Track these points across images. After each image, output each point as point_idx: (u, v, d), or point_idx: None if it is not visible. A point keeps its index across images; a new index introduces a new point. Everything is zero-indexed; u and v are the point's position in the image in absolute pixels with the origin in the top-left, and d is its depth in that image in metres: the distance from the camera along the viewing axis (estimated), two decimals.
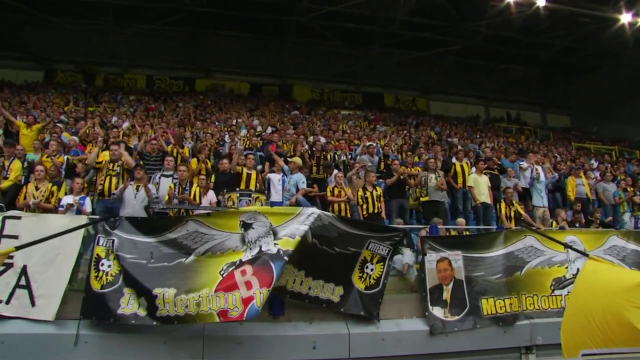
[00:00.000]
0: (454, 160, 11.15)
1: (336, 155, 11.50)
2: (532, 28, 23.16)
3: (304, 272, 6.27)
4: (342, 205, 9.04)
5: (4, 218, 6.34)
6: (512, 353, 7.04)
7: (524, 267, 7.40)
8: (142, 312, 5.72)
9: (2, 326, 5.75)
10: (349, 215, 8.83)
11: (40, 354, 5.67)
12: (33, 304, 5.95)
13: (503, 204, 9.51)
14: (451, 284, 6.94)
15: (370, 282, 6.61)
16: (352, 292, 6.49)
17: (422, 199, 9.80)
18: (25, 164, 8.49)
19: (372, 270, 6.63)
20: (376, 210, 8.92)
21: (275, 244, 5.89)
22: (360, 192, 9.19)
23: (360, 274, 6.61)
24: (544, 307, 7.28)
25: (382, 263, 6.66)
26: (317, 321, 6.44)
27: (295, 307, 6.38)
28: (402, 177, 9.74)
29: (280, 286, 6.07)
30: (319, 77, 27.88)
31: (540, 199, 10.62)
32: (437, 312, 6.77)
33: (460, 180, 10.50)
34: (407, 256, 7.23)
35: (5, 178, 7.81)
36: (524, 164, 11.53)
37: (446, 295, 6.88)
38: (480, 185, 10.12)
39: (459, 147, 13.36)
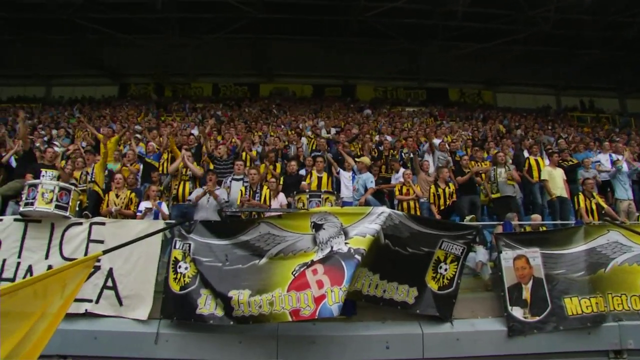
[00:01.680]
0: (526, 153, 10.69)
1: (403, 154, 11.39)
2: (605, 8, 21.75)
3: (379, 275, 6.28)
4: (411, 203, 8.95)
5: (91, 224, 6.91)
6: (598, 357, 6.63)
7: (608, 264, 6.96)
8: (219, 313, 6.01)
9: (95, 324, 6.32)
10: (418, 213, 8.73)
11: (127, 350, 6.15)
12: (120, 303, 6.47)
13: (582, 197, 8.89)
14: (530, 282, 6.68)
15: (443, 282, 6.52)
16: (426, 293, 6.43)
17: (492, 196, 9.48)
18: (106, 172, 9.09)
19: (445, 270, 6.53)
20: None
21: (346, 243, 5.95)
22: (432, 189, 9.06)
23: (434, 274, 6.53)
24: (635, 308, 6.78)
25: (455, 263, 6.55)
26: (390, 321, 6.45)
27: (367, 307, 6.42)
28: (475, 176, 9.52)
29: (356, 290, 6.13)
30: (381, 75, 27.58)
31: (624, 191, 9.88)
32: (517, 312, 6.52)
33: (534, 174, 10.06)
34: (480, 254, 7.07)
35: (92, 182, 8.39)
36: (615, 157, 10.81)
37: (526, 294, 6.62)
38: (555, 179, 9.60)
39: (531, 140, 12.78)
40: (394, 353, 6.15)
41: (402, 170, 9.74)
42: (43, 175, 7.55)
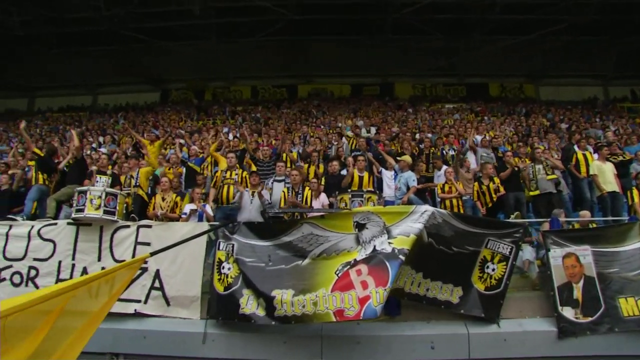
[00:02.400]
0: (575, 148, 10.33)
1: (444, 151, 11.22)
2: None
3: (422, 274, 6.21)
4: (454, 201, 8.78)
5: (138, 227, 7.17)
6: None
7: None
8: (260, 312, 6.08)
9: (144, 323, 6.57)
10: (461, 211, 8.57)
11: (175, 349, 6.33)
12: (167, 304, 6.69)
13: (635, 192, 8.48)
14: (581, 281, 6.42)
15: (491, 282, 6.34)
16: (471, 293, 6.30)
17: (531, 193, 9.19)
18: (150, 177, 9.36)
19: (493, 270, 6.35)
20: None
21: (389, 242, 5.91)
22: (476, 186, 8.89)
23: (481, 274, 6.37)
24: None
25: (504, 263, 6.34)
26: (435, 321, 6.37)
27: (412, 307, 6.36)
28: (516, 168, 9.27)
29: (398, 288, 6.08)
30: (420, 72, 27.16)
31: None
32: (568, 312, 6.29)
33: (583, 169, 9.70)
34: (527, 252, 6.88)
35: (136, 186, 8.66)
36: None
37: (577, 294, 6.38)
38: (605, 173, 9.17)
39: (578, 134, 12.31)
40: (439, 353, 6.07)
41: (444, 167, 9.59)
42: (97, 181, 7.85)
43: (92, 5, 21.74)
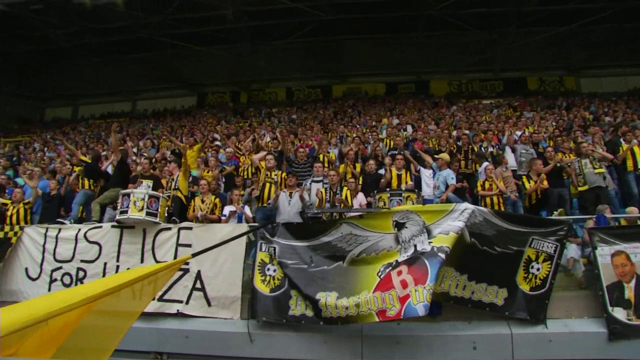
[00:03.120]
0: (621, 141, 9.95)
1: (482, 148, 10.99)
2: None
3: (467, 276, 6.10)
4: (495, 199, 8.60)
5: (179, 229, 7.33)
6: None
7: None
8: (309, 313, 6.17)
9: (186, 323, 6.72)
10: (502, 209, 8.38)
11: (217, 349, 6.46)
12: (209, 304, 6.81)
13: None
14: (633, 281, 6.13)
15: (536, 282, 6.17)
16: (516, 294, 6.14)
17: (580, 188, 8.87)
18: (190, 179, 9.55)
19: (538, 270, 6.17)
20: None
21: (429, 242, 5.87)
22: (526, 183, 8.72)
23: (525, 275, 6.20)
24: None
25: (549, 262, 6.16)
26: (476, 321, 6.24)
27: (452, 307, 6.24)
28: (558, 164, 9.00)
29: (443, 292, 6.01)
30: (455, 68, 26.71)
31: None
32: (619, 313, 6.02)
33: (630, 163, 9.32)
34: (571, 250, 6.63)
35: (176, 189, 8.87)
36: None
37: (629, 294, 6.09)
38: None
39: (625, 126, 11.82)
40: (481, 354, 5.96)
41: (484, 164, 9.41)
42: (140, 185, 8.10)
43: (130, 14, 22.41)
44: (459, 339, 6.07)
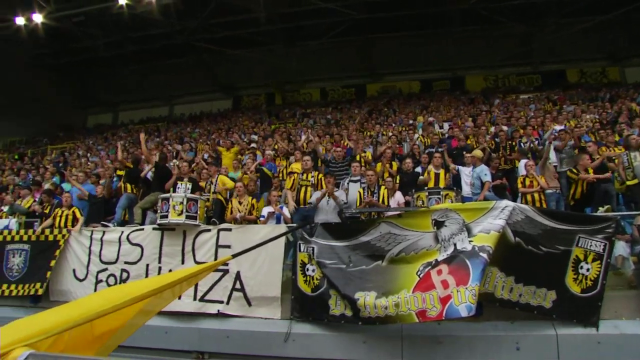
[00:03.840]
0: None
1: (522, 143, 10.70)
2: None
3: (514, 278, 5.90)
4: (536, 195, 8.33)
5: (219, 230, 7.46)
6: None
7: None
8: (348, 313, 6.18)
9: (227, 323, 6.86)
10: (544, 206, 8.11)
11: (257, 348, 6.54)
12: (249, 304, 6.91)
13: None
14: None
15: (586, 284, 5.89)
16: (566, 296, 5.88)
17: (628, 182, 8.48)
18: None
19: (588, 270, 5.89)
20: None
21: (470, 241, 5.77)
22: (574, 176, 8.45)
23: (575, 276, 5.92)
24: None
25: (598, 261, 5.88)
26: (520, 321, 6.04)
27: (494, 306, 6.07)
28: (606, 160, 8.70)
29: (487, 293, 5.85)
30: (491, 63, 25.94)
31: None
32: None
33: None
34: (619, 247, 6.33)
35: (215, 192, 9.02)
36: None
37: None
38: None
39: None
40: (525, 355, 5.78)
41: (524, 161, 9.16)
42: (179, 188, 8.29)
43: (165, 21, 22.98)
44: (502, 340, 5.92)
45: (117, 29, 24.19)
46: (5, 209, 10.58)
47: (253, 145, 13.76)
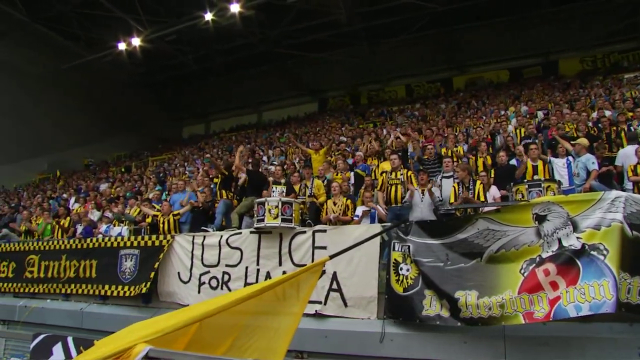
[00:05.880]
0: None
1: (631, 127, 9.88)
2: None
3: None
4: None
5: (314, 232, 7.66)
6: None
7: None
8: (445, 314, 6.04)
9: (325, 323, 7.02)
10: None
11: (354, 348, 6.64)
12: (345, 305, 7.02)
13: None
14: None
15: None
16: None
17: None
18: (325, 182, 9.92)
19: None
20: None
21: (578, 237, 5.42)
22: None
23: None
24: None
25: None
26: (639, 323, 5.54)
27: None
28: None
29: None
30: (588, 42, 24.18)
31: None
32: None
33: None
34: None
35: (311, 195, 9.29)
36: None
37: None
38: None
39: None
40: None
41: (632, 147, 8.45)
42: (273, 192, 8.67)
43: (248, 31, 23.98)
44: (619, 343, 5.46)
45: (204, 43, 25.74)
46: (110, 215, 11.69)
47: (343, 145, 13.94)
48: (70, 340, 5.24)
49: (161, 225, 9.84)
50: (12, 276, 11.18)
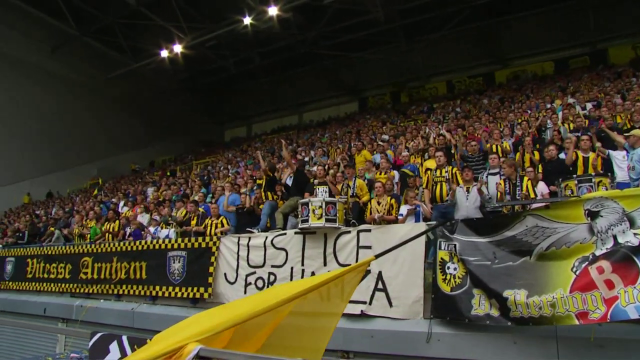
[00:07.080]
0: None
1: None
2: None
3: None
4: None
5: (358, 232, 7.69)
6: None
7: None
8: (495, 313, 5.93)
9: (371, 323, 7.03)
10: None
11: (400, 348, 6.61)
12: (390, 304, 7.02)
13: None
14: None
15: None
16: None
17: None
18: (366, 182, 9.95)
19: None
20: None
21: (634, 234, 5.21)
22: None
23: None
24: None
25: None
26: None
27: None
28: None
29: None
30: None
31: None
32: None
33: None
34: None
35: (353, 196, 9.33)
36: None
37: None
38: None
39: None
40: None
41: None
42: (317, 192, 8.81)
43: (287, 33, 24.26)
44: None
45: (244, 47, 26.24)
46: (158, 218, 12.06)
47: (382, 144, 13.88)
48: (125, 339, 5.48)
49: (208, 228, 10.06)
50: (68, 277, 11.79)
